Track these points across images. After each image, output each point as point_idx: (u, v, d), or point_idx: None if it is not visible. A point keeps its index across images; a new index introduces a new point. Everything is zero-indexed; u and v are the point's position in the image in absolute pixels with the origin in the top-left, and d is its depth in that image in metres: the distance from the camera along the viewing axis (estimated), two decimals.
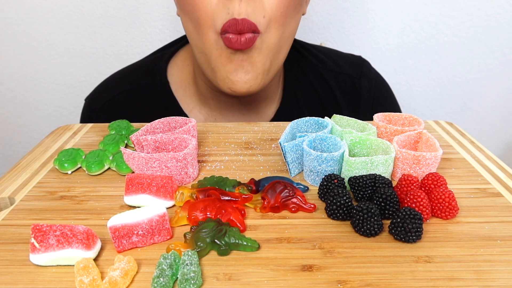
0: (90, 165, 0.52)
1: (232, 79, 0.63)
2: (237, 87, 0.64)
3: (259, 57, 0.62)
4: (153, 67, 0.79)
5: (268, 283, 0.35)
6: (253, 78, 0.63)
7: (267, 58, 0.63)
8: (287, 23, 0.62)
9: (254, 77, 0.63)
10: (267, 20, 0.60)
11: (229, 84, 0.64)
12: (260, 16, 0.59)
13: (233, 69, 0.63)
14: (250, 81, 0.63)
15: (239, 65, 0.62)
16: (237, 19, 0.57)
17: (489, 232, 0.41)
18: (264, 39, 0.61)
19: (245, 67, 0.62)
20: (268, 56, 0.63)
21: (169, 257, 0.36)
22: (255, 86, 0.64)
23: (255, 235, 0.41)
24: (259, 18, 0.59)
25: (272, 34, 0.61)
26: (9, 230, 0.42)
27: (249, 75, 0.63)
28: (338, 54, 0.86)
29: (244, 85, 0.63)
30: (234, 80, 0.63)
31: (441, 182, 0.45)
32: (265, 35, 0.61)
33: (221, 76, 0.64)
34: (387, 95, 0.85)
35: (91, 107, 0.80)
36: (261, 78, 0.64)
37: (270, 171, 0.53)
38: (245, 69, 0.63)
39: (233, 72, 0.63)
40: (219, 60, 0.63)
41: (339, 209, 0.42)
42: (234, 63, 0.62)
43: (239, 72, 0.63)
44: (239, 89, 0.64)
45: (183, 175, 0.49)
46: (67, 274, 0.36)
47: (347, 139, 0.51)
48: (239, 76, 0.63)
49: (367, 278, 0.35)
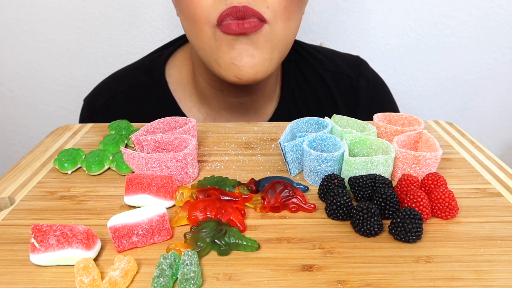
0: (90, 165, 0.52)
1: (237, 64, 0.60)
2: (243, 73, 0.60)
3: (266, 44, 0.60)
4: (152, 67, 0.79)
5: (268, 283, 0.35)
6: (260, 63, 0.60)
7: (275, 47, 0.61)
8: (292, 18, 0.61)
9: (261, 62, 0.60)
10: (272, 11, 0.58)
11: (235, 71, 0.61)
12: (263, 6, 0.58)
13: (237, 54, 0.59)
14: (257, 66, 0.60)
15: (242, 49, 0.59)
16: (238, 6, 0.56)
17: (489, 232, 0.41)
18: (274, 29, 0.60)
19: (250, 51, 0.59)
20: (276, 45, 0.61)
21: (169, 257, 0.36)
22: (262, 73, 0.61)
23: (255, 235, 0.41)
24: (262, 8, 0.58)
25: (281, 26, 0.60)
26: (9, 230, 0.42)
27: (255, 59, 0.60)
28: (336, 54, 0.86)
29: (250, 70, 0.60)
30: (240, 65, 0.60)
31: (441, 182, 0.45)
32: (274, 25, 0.59)
33: (225, 64, 0.61)
34: (384, 95, 0.85)
35: (89, 107, 0.80)
36: (268, 64, 0.61)
37: (270, 171, 0.53)
38: (250, 53, 0.60)
39: (238, 57, 0.60)
40: (220, 49, 0.60)
41: (339, 209, 0.42)
42: (237, 48, 0.59)
43: (244, 56, 0.60)
44: (246, 74, 0.60)
45: (183, 175, 0.49)
46: (67, 274, 0.36)
47: (347, 139, 0.51)
48: (245, 60, 0.60)
49: (367, 278, 0.35)
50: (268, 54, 0.61)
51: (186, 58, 0.78)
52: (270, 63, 0.62)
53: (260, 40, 0.60)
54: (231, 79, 0.62)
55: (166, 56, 0.79)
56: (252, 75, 0.61)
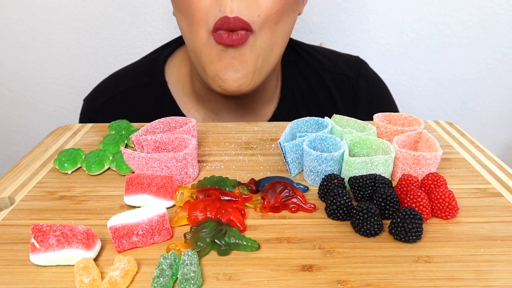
0: (90, 165, 0.52)
1: (222, 77, 0.62)
2: (227, 86, 0.63)
3: (251, 55, 0.62)
4: (151, 67, 0.79)
5: (268, 283, 0.35)
6: (243, 77, 0.63)
7: (259, 56, 0.62)
8: (282, 21, 0.62)
9: (244, 75, 0.63)
10: (262, 18, 0.59)
11: (219, 83, 0.63)
12: (255, 14, 0.59)
13: (222, 67, 0.62)
14: (240, 80, 0.63)
15: (228, 63, 0.61)
16: (229, 18, 0.57)
17: (489, 232, 0.41)
18: (257, 38, 0.61)
19: (235, 65, 0.62)
20: (260, 54, 0.62)
21: (169, 257, 0.36)
22: (246, 85, 0.64)
23: (255, 235, 0.41)
24: (253, 17, 0.59)
25: (265, 32, 0.61)
26: (9, 230, 0.42)
27: (239, 73, 0.62)
28: (335, 54, 0.86)
29: (234, 83, 0.63)
30: (224, 78, 0.62)
31: (441, 182, 0.45)
32: (258, 33, 0.61)
33: (211, 74, 0.63)
34: (384, 95, 0.85)
35: (89, 108, 0.80)
36: (252, 77, 0.63)
37: (270, 171, 0.53)
38: (235, 68, 0.62)
39: (223, 70, 0.62)
40: (209, 58, 0.62)
41: (339, 209, 0.42)
42: (224, 61, 0.61)
43: (228, 70, 0.62)
44: (229, 87, 0.63)
45: (183, 175, 0.49)
46: (67, 274, 0.36)
47: (347, 139, 0.51)
48: (229, 74, 0.62)
49: (367, 278, 0.35)
50: (252, 66, 0.63)
51: (184, 58, 0.78)
52: (254, 75, 0.64)
53: (247, 52, 0.61)
54: (216, 89, 0.65)
55: (165, 56, 0.79)
56: (236, 87, 0.63)
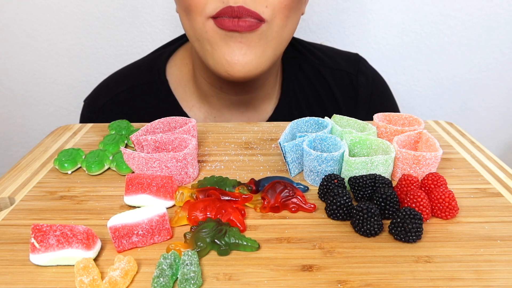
0: (90, 165, 0.52)
1: (229, 60, 0.61)
2: (235, 70, 0.61)
3: (259, 42, 0.61)
4: (152, 66, 0.79)
5: (268, 283, 0.35)
6: (251, 62, 0.61)
7: (269, 45, 0.62)
8: (291, 16, 0.62)
9: (252, 60, 0.61)
10: (271, 9, 0.59)
11: (226, 67, 0.61)
12: (262, 5, 0.58)
13: (230, 51, 0.60)
14: (248, 65, 0.61)
15: (236, 47, 0.60)
16: (233, 7, 0.57)
17: (489, 232, 0.41)
18: (271, 27, 0.60)
19: (244, 49, 0.60)
20: (271, 43, 0.62)
21: (169, 257, 0.36)
22: (254, 71, 0.62)
23: (255, 235, 0.41)
24: (261, 8, 0.58)
25: (278, 23, 0.61)
26: (9, 230, 0.42)
27: (247, 57, 0.61)
28: (335, 51, 0.86)
29: (241, 68, 0.61)
30: (231, 62, 0.61)
31: (441, 182, 0.45)
32: (272, 23, 0.60)
33: (218, 58, 0.62)
34: (384, 91, 0.85)
35: (90, 108, 0.80)
36: (259, 62, 0.62)
37: (270, 171, 0.53)
38: (243, 51, 0.60)
39: (230, 54, 0.60)
40: (215, 43, 0.61)
41: (339, 209, 0.42)
42: (230, 45, 0.60)
43: (236, 54, 0.60)
44: (236, 72, 0.61)
45: (183, 175, 0.49)
46: (67, 274, 0.36)
47: (347, 139, 0.51)
48: (236, 58, 0.61)
49: (367, 278, 0.35)
50: (260, 52, 0.62)
51: (186, 57, 0.78)
52: (261, 60, 0.62)
53: (254, 38, 0.60)
54: (222, 74, 0.63)
55: (167, 55, 0.79)
56: (243, 73, 0.62)
